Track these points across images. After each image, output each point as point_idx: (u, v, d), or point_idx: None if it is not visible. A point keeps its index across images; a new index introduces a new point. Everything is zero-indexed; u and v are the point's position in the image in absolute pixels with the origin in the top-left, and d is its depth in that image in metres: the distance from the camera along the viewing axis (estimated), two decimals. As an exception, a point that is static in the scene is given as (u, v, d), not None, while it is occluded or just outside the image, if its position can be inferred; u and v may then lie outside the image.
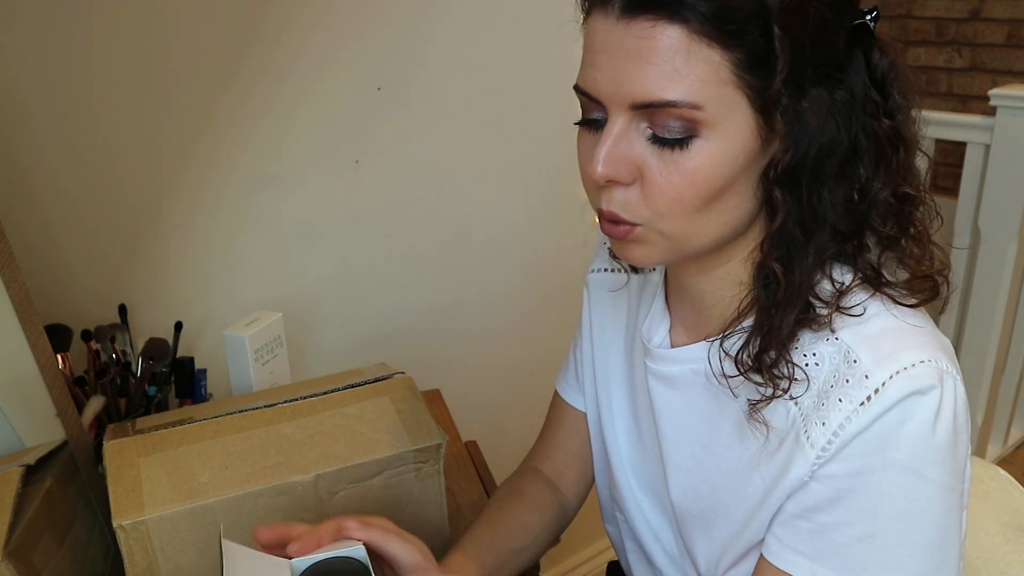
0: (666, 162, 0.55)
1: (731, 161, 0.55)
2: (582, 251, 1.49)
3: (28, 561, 0.64)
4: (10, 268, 0.71)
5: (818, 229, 0.58)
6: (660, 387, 0.71)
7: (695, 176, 0.55)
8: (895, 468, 0.56)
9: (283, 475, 0.72)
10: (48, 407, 0.75)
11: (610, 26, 0.54)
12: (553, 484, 0.87)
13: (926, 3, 2.83)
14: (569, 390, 0.88)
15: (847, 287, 0.60)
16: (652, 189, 0.56)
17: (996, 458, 2.31)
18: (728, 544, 0.67)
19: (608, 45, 0.54)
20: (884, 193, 0.58)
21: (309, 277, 1.19)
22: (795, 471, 0.59)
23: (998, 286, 1.99)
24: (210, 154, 1.04)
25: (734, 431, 0.65)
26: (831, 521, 0.59)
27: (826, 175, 0.57)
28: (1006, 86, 1.92)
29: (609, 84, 0.55)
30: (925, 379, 0.55)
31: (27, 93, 0.90)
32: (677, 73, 0.52)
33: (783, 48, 0.52)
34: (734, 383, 0.63)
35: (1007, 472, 0.90)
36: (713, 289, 0.66)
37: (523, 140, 1.35)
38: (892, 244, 0.61)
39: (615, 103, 0.55)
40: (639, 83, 0.53)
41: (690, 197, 0.56)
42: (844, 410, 0.56)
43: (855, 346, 0.58)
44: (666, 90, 0.52)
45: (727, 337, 0.63)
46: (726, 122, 0.54)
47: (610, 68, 0.54)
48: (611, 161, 0.56)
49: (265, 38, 1.04)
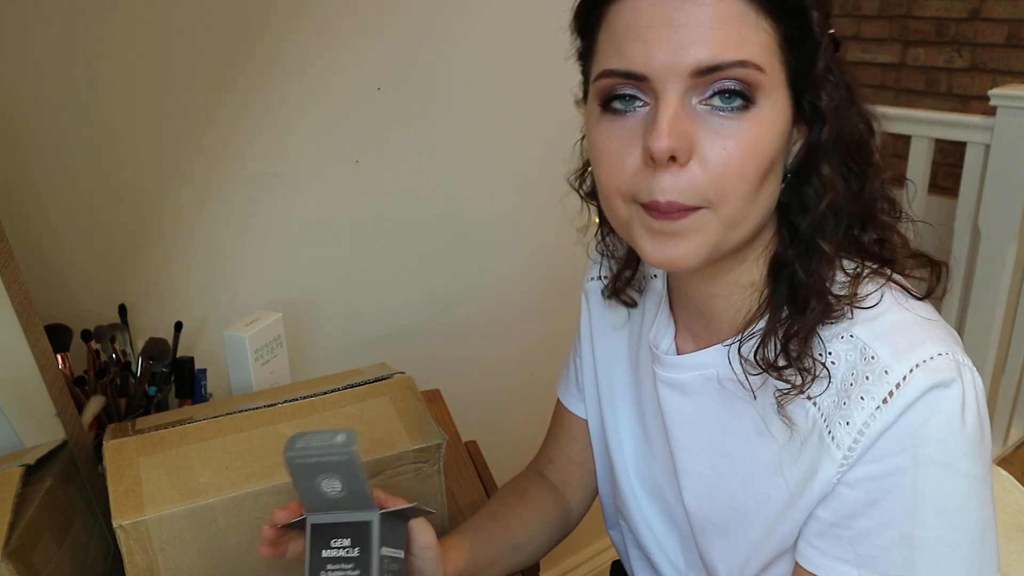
0: (723, 135, 0.54)
1: (780, 134, 0.56)
2: (582, 251, 1.49)
3: (28, 561, 0.64)
4: (10, 268, 0.71)
5: (833, 216, 0.59)
6: (671, 394, 0.70)
7: (755, 147, 0.54)
8: (928, 465, 0.55)
9: (283, 475, 0.72)
10: (48, 407, 0.75)
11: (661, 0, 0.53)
12: (557, 489, 0.87)
13: (926, 3, 2.83)
14: (570, 397, 0.88)
15: (859, 276, 0.60)
16: (715, 165, 0.54)
17: (996, 458, 2.31)
18: (751, 551, 0.66)
19: (664, 17, 0.53)
20: (876, 181, 0.60)
21: (309, 277, 1.19)
22: (822, 473, 0.58)
23: (998, 286, 1.99)
24: (210, 154, 1.04)
25: (751, 435, 0.65)
26: (870, 525, 0.58)
27: (839, 162, 0.58)
28: (1006, 86, 1.92)
29: (668, 54, 0.53)
30: (945, 372, 0.55)
31: (28, 93, 0.90)
32: (742, 37, 0.53)
33: (821, 29, 0.54)
34: (754, 384, 0.63)
35: (1007, 472, 0.90)
36: (725, 294, 0.65)
37: (523, 140, 1.35)
38: (887, 229, 0.62)
39: (674, 74, 0.53)
40: (706, 46, 0.52)
41: (752, 170, 0.54)
42: (867, 408, 0.56)
43: (871, 342, 0.57)
44: (735, 51, 0.52)
45: (744, 341, 0.63)
46: (775, 94, 0.55)
47: (668, 39, 0.53)
48: (675, 133, 0.53)
49: (265, 38, 1.04)
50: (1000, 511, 0.87)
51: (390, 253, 1.26)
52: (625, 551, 0.87)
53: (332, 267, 1.21)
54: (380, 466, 0.77)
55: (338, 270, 1.22)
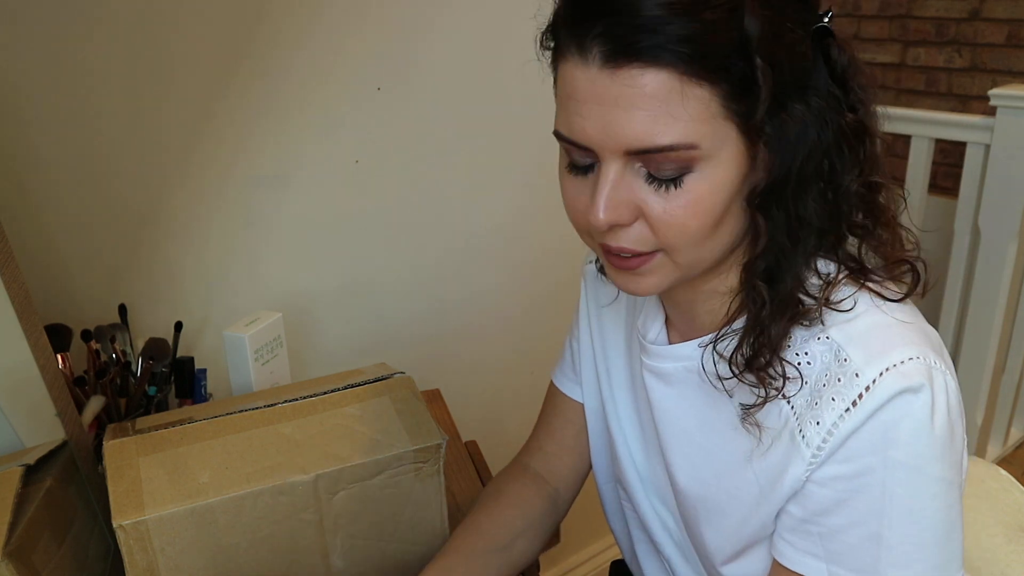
0: (666, 198, 0.55)
1: (727, 187, 0.56)
2: (582, 252, 1.49)
3: (28, 561, 0.64)
4: (10, 268, 0.71)
5: (805, 235, 0.59)
6: (655, 382, 0.72)
7: (696, 207, 0.55)
8: (896, 467, 0.56)
9: (283, 475, 0.72)
10: (48, 407, 0.75)
11: (592, 75, 0.53)
12: (541, 478, 0.88)
13: (926, 3, 2.82)
14: (566, 380, 0.88)
15: (834, 280, 0.61)
16: (658, 224, 0.56)
17: (996, 458, 2.31)
18: (732, 534, 0.68)
19: (593, 94, 0.53)
20: (854, 185, 0.59)
21: (309, 277, 1.19)
22: (792, 471, 0.60)
23: (998, 286, 1.99)
24: (210, 154, 1.04)
25: (726, 429, 0.66)
26: (839, 523, 0.59)
27: (809, 181, 0.58)
28: (1006, 86, 1.92)
29: (600, 133, 0.54)
30: (915, 376, 0.56)
31: (28, 93, 0.90)
32: (670, 116, 0.52)
33: (765, 77, 0.52)
34: (728, 384, 0.63)
35: (1007, 472, 0.90)
36: (702, 299, 0.67)
37: (523, 140, 1.35)
38: (866, 234, 0.61)
39: (608, 150, 0.55)
40: (632, 130, 0.53)
41: (696, 227, 0.56)
42: (837, 409, 0.57)
43: (845, 344, 0.58)
44: (661, 135, 0.52)
45: (719, 340, 0.64)
46: (720, 152, 0.54)
47: (598, 117, 0.54)
48: (612, 206, 0.56)
49: (264, 38, 1.04)
50: (1000, 511, 0.87)
51: (390, 253, 1.26)
52: (628, 538, 0.88)
53: (332, 267, 1.21)
54: (380, 466, 0.77)
55: (338, 270, 1.22)
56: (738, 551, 0.68)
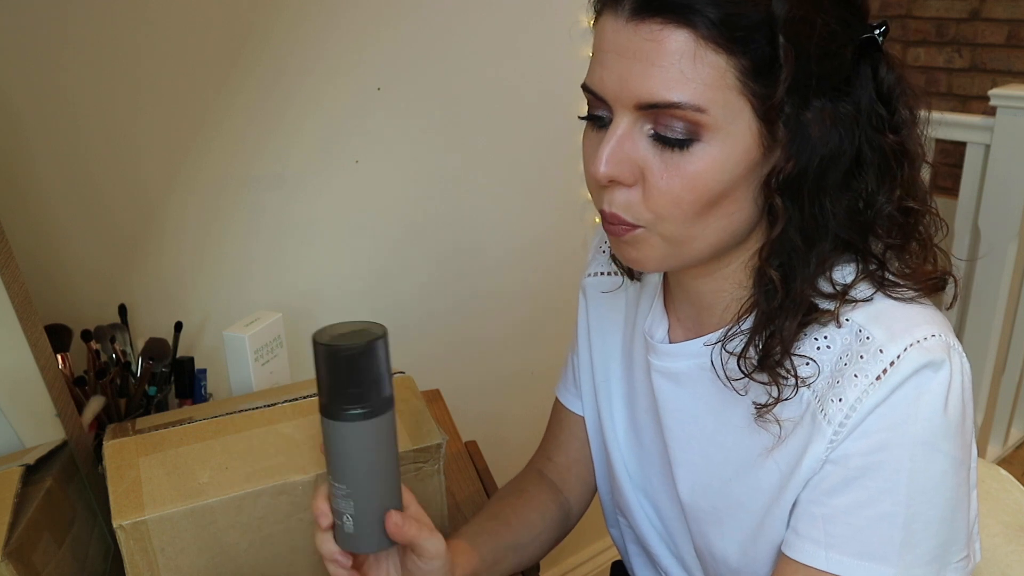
0: (667, 164, 0.56)
1: (732, 167, 0.55)
2: (581, 251, 1.49)
3: (28, 561, 0.64)
4: (10, 268, 0.71)
5: (820, 238, 0.59)
6: (665, 383, 0.71)
7: (695, 180, 0.55)
8: (912, 442, 0.56)
9: (283, 475, 0.72)
10: (48, 407, 0.75)
11: (619, 26, 0.55)
12: (556, 487, 0.88)
13: (926, 3, 2.83)
14: (568, 395, 0.88)
15: (852, 283, 0.60)
16: (652, 191, 0.57)
17: (996, 458, 2.31)
18: (746, 540, 0.67)
19: (616, 45, 0.55)
20: (888, 207, 0.59)
21: (309, 277, 1.19)
22: (812, 450, 0.59)
23: (998, 286, 1.99)
24: (210, 154, 1.04)
25: (743, 423, 0.65)
26: (846, 503, 0.59)
27: (828, 186, 0.58)
28: (1006, 86, 1.92)
29: (615, 83, 0.55)
30: (937, 352, 0.56)
31: (28, 93, 0.90)
32: (683, 76, 0.53)
33: (787, 58, 0.52)
34: (740, 384, 0.63)
35: (1007, 472, 0.90)
36: (713, 289, 0.66)
37: (523, 141, 1.35)
38: (897, 252, 0.61)
39: (620, 103, 0.56)
40: (645, 83, 0.54)
41: (690, 201, 0.56)
42: (860, 384, 0.57)
43: (866, 324, 0.59)
44: (671, 91, 0.53)
45: (728, 339, 0.64)
46: (729, 127, 0.54)
47: (617, 67, 0.55)
48: (614, 161, 0.56)
49: (264, 38, 1.04)
50: (1000, 511, 0.87)
51: (390, 253, 1.26)
52: (625, 548, 0.87)
53: (332, 267, 1.21)
54: (380, 466, 0.76)
55: (338, 270, 1.22)
56: (761, 552, 0.66)
